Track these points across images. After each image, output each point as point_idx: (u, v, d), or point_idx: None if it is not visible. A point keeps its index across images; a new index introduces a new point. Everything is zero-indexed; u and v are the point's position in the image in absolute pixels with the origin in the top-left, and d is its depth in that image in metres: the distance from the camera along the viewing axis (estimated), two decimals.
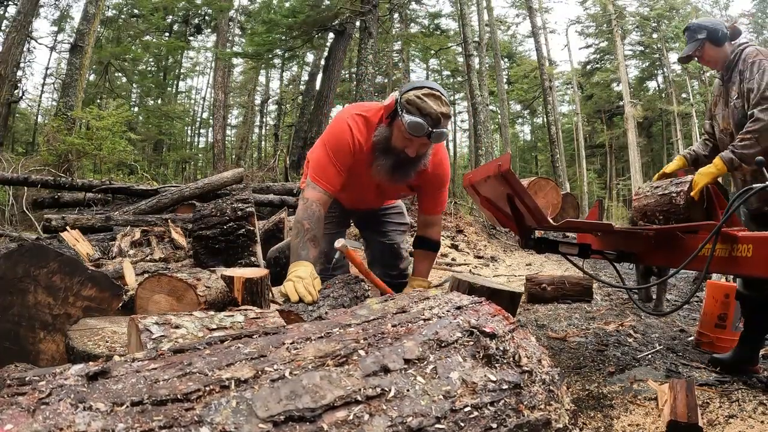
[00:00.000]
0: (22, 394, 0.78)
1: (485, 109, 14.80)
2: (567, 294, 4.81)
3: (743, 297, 2.68)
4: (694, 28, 2.74)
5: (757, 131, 2.39)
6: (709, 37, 2.67)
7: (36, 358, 2.43)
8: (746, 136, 2.43)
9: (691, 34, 2.75)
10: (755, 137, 2.39)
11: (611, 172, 31.03)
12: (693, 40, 2.72)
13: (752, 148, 2.39)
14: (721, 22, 2.71)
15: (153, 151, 25.20)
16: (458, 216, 11.01)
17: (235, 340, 1.05)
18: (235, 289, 3.06)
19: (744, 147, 2.42)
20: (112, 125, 12.14)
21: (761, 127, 2.38)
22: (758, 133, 2.38)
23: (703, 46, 2.70)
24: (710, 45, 2.68)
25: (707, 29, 2.67)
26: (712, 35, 2.66)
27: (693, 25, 2.76)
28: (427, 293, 1.46)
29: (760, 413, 2.08)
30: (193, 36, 27.15)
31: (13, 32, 13.14)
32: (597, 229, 2.99)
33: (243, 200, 4.58)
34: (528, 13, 25.28)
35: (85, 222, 7.20)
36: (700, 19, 2.81)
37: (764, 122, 2.37)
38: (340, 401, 0.90)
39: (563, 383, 1.24)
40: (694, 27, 2.74)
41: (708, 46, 2.69)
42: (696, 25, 2.74)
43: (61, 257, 2.54)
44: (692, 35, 2.74)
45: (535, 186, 3.06)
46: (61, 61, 24.77)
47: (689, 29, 2.77)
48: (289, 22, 14.31)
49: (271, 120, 31.89)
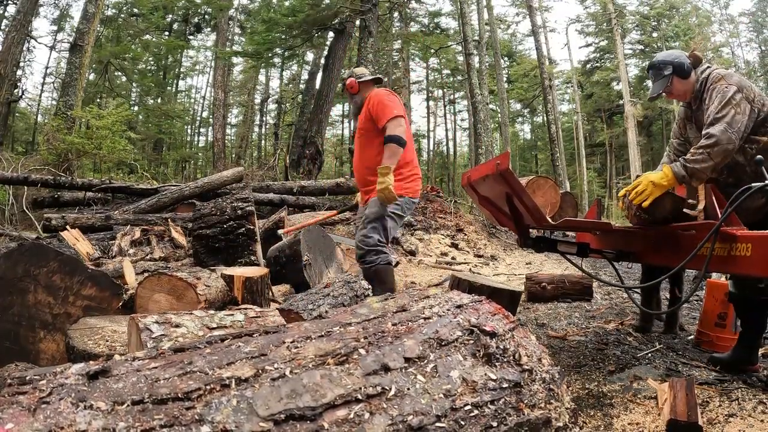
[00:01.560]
0: (23, 394, 0.78)
1: (485, 108, 14.80)
2: (567, 293, 4.81)
3: (736, 298, 2.68)
4: (658, 65, 2.72)
5: (709, 146, 2.41)
6: (676, 71, 2.66)
7: (36, 357, 2.43)
8: (698, 151, 2.45)
9: (656, 72, 2.74)
10: (707, 152, 2.41)
11: (611, 171, 31.02)
12: (660, 77, 2.71)
13: (704, 163, 2.41)
14: (682, 54, 2.71)
15: (153, 150, 25.17)
16: (458, 215, 11.02)
17: (236, 339, 1.05)
18: (235, 288, 3.07)
19: (696, 162, 2.43)
20: (111, 124, 12.13)
21: (713, 142, 2.40)
22: (710, 149, 2.40)
23: (671, 82, 2.69)
24: (678, 79, 2.68)
25: (672, 64, 2.66)
26: (678, 69, 2.65)
27: (657, 62, 2.73)
28: (427, 292, 1.47)
29: (759, 412, 2.08)
30: (193, 35, 27.14)
31: (13, 31, 13.14)
32: (596, 228, 2.99)
33: (243, 199, 4.58)
34: (528, 11, 25.28)
35: (85, 221, 7.20)
36: (661, 55, 2.78)
37: (716, 138, 2.39)
38: (341, 400, 0.90)
39: (563, 382, 1.25)
40: (659, 64, 2.72)
41: (676, 80, 2.68)
42: (660, 62, 2.72)
43: (61, 256, 2.54)
44: (658, 72, 2.72)
45: (533, 185, 3.06)
46: (60, 61, 24.76)
47: (654, 67, 2.75)
48: (288, 21, 14.31)
49: (271, 119, 31.87)
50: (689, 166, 2.44)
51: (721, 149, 2.39)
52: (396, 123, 3.20)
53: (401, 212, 3.35)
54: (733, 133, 2.38)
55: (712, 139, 2.41)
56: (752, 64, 28.31)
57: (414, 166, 3.48)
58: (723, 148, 2.38)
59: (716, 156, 2.40)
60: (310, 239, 4.59)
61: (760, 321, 2.65)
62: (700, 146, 2.45)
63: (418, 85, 34.88)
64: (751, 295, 2.56)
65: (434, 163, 34.33)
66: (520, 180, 2.53)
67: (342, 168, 27.60)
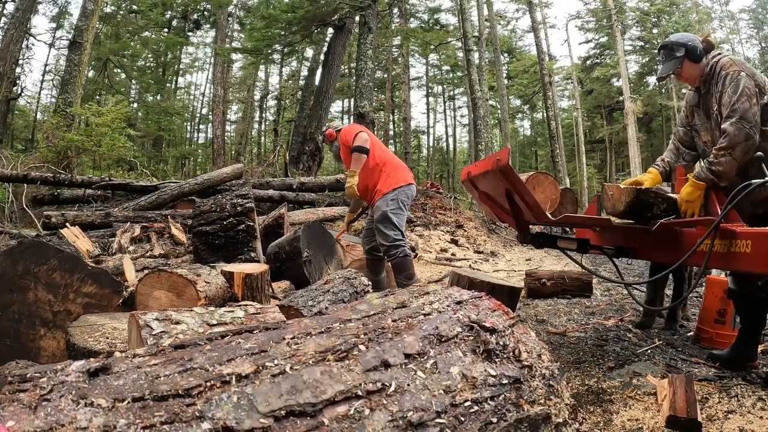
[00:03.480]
0: (24, 391, 0.78)
1: (485, 104, 14.77)
2: (567, 289, 4.82)
3: (735, 294, 2.68)
4: (671, 45, 2.69)
5: (729, 146, 2.38)
6: (688, 54, 2.63)
7: (37, 355, 2.43)
8: (719, 152, 2.42)
9: (668, 53, 2.70)
10: (729, 152, 2.38)
11: (611, 168, 30.99)
12: (671, 59, 2.68)
13: (729, 164, 2.38)
14: (696, 38, 2.67)
15: (152, 147, 25.11)
16: (458, 211, 11.01)
17: (236, 336, 1.05)
18: (235, 285, 3.07)
19: (720, 164, 2.40)
20: (111, 121, 12.11)
21: (731, 141, 2.37)
22: (730, 148, 2.38)
23: (682, 64, 2.66)
24: (689, 62, 2.64)
25: (686, 47, 2.63)
26: (690, 53, 2.62)
27: (670, 43, 2.71)
28: (427, 288, 1.47)
29: (758, 408, 2.09)
30: (192, 32, 27.05)
31: (12, 29, 13.11)
32: (595, 224, 2.99)
33: (242, 196, 4.57)
34: (528, 8, 25.22)
35: (84, 219, 7.19)
36: (675, 36, 2.73)
37: (733, 135, 2.36)
38: (341, 396, 0.90)
39: (563, 378, 1.25)
40: (672, 45, 2.69)
41: (687, 63, 2.65)
42: (673, 42, 2.69)
43: (61, 254, 2.54)
44: (670, 53, 2.69)
45: (533, 181, 3.06)
46: (59, 58, 24.73)
47: (666, 47, 2.72)
48: (288, 18, 14.27)
49: (271, 116, 31.84)
50: (714, 169, 2.41)
51: (741, 148, 2.36)
52: (358, 138, 3.88)
53: (397, 203, 3.90)
54: (750, 128, 2.35)
55: (728, 138, 2.38)
56: (752, 60, 28.27)
57: (392, 165, 4.05)
58: (743, 146, 2.35)
59: (739, 155, 2.37)
60: (310, 235, 4.59)
61: (760, 318, 2.65)
62: (720, 147, 2.42)
63: (418, 81, 34.89)
64: (751, 291, 2.56)
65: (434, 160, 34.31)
66: (519, 176, 2.53)
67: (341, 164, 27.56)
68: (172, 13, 25.07)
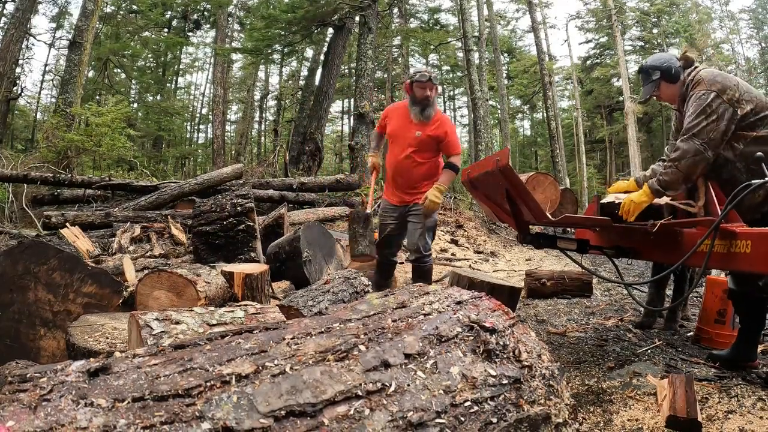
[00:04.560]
0: (24, 391, 0.78)
1: (485, 105, 14.77)
2: (567, 289, 4.82)
3: (735, 294, 2.69)
4: (647, 69, 2.75)
5: (676, 159, 2.48)
6: (663, 76, 2.68)
7: (37, 354, 2.43)
8: (668, 164, 2.54)
9: (645, 76, 2.77)
10: (675, 165, 2.49)
11: (611, 168, 30.97)
12: (648, 82, 2.75)
13: (674, 176, 2.50)
14: (672, 58, 2.72)
15: (152, 147, 25.09)
16: (458, 211, 11.02)
17: (236, 336, 1.05)
18: (235, 285, 3.07)
19: (666, 175, 2.53)
20: (111, 121, 12.10)
21: (679, 155, 2.47)
22: (677, 161, 2.47)
23: (659, 87, 2.72)
24: (665, 84, 2.70)
25: (660, 69, 2.68)
26: (665, 74, 2.68)
27: (646, 67, 2.77)
28: (427, 288, 1.47)
29: (758, 408, 2.09)
30: (192, 32, 27.02)
31: (12, 29, 13.11)
32: (595, 224, 2.99)
33: (242, 196, 4.57)
34: (528, 8, 25.23)
35: (84, 219, 7.19)
36: (650, 59, 2.80)
37: (683, 150, 2.46)
38: (341, 396, 0.90)
39: (563, 378, 1.25)
40: (648, 69, 2.75)
41: (664, 85, 2.71)
42: (649, 66, 2.75)
43: (61, 254, 2.54)
44: (647, 77, 2.76)
45: (533, 181, 3.06)
46: (59, 58, 24.70)
47: (643, 71, 2.79)
48: (288, 18, 14.26)
49: (271, 115, 31.82)
50: (661, 179, 2.54)
51: (688, 161, 2.44)
52: (459, 158, 3.82)
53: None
54: (701, 143, 2.42)
55: (678, 152, 2.49)
56: (752, 60, 28.25)
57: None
58: (690, 160, 2.44)
59: (684, 168, 2.46)
60: (310, 235, 4.59)
61: (760, 318, 2.65)
62: (670, 159, 2.54)
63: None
64: (751, 291, 2.57)
65: None
66: (519, 176, 2.53)
67: (341, 164, 27.58)
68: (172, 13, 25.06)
